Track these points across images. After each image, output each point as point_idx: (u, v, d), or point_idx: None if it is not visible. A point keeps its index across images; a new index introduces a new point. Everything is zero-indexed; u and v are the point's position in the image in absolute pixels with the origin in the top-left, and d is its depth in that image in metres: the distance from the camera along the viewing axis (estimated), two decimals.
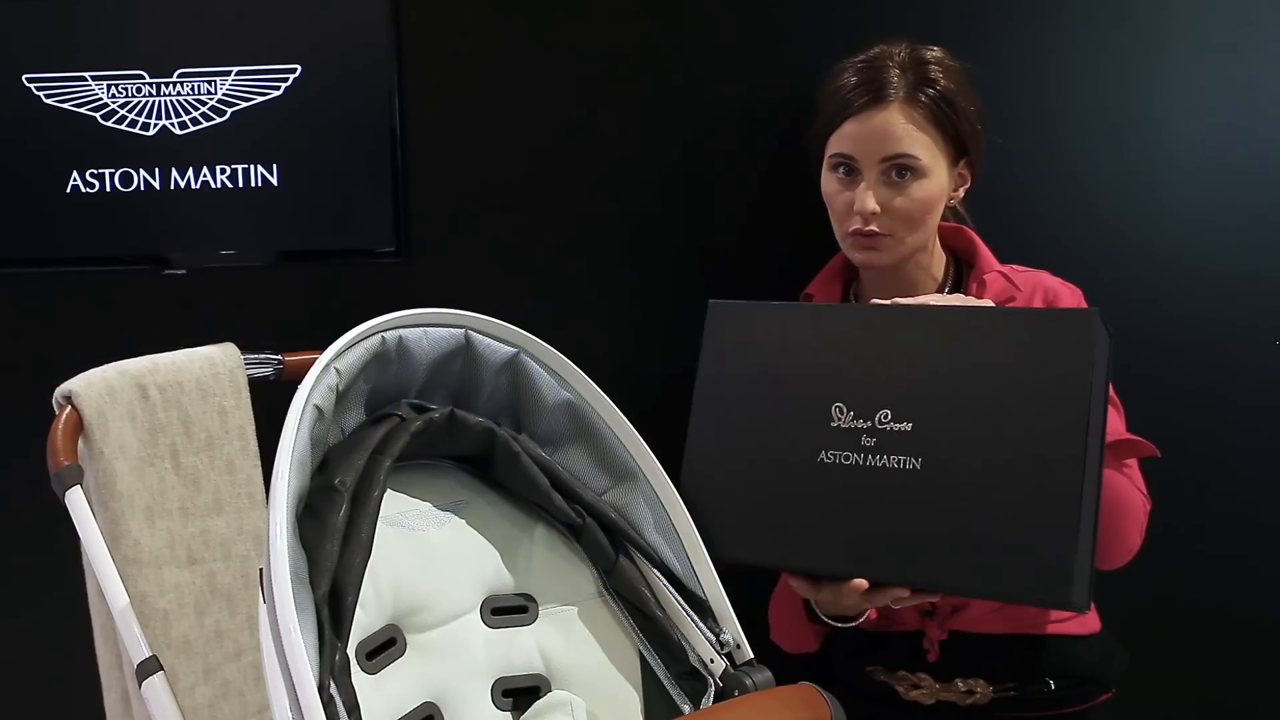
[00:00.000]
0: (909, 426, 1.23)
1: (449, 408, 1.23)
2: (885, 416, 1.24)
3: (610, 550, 1.26)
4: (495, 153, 1.78)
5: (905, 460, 1.22)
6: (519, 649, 1.25)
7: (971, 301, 1.35)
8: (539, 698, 1.23)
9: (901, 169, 1.45)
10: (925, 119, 1.45)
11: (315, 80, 1.74)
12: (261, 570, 1.00)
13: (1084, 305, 1.53)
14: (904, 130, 1.45)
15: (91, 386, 1.27)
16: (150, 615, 1.26)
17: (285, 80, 1.74)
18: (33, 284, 1.79)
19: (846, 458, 1.26)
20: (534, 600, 1.27)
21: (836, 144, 1.49)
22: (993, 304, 1.38)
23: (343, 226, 1.78)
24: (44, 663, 1.82)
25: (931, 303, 1.31)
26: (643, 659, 1.25)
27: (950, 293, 1.57)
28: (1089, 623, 1.54)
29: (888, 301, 1.32)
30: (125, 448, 1.28)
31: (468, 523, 1.26)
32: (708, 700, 1.21)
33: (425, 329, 1.22)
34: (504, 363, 1.26)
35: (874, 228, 1.46)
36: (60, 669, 1.76)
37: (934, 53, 1.50)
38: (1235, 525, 1.82)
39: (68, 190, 1.75)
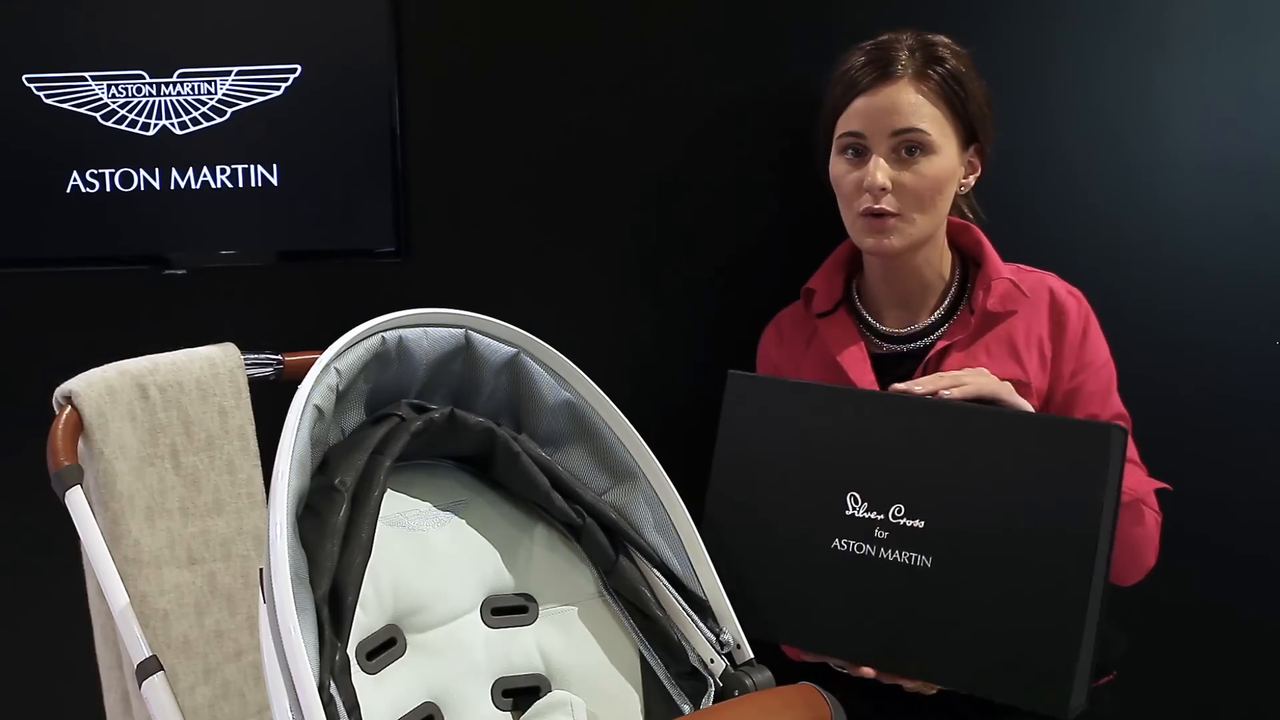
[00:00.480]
0: (921, 524, 1.24)
1: (449, 408, 1.23)
2: (899, 511, 1.26)
3: (610, 550, 1.26)
4: (495, 153, 1.78)
5: (916, 557, 1.24)
6: (519, 649, 1.25)
7: (991, 385, 1.33)
8: (539, 698, 1.23)
9: (911, 145, 1.44)
10: (935, 95, 1.45)
11: (315, 80, 1.74)
12: (262, 570, 1.00)
13: (1086, 311, 1.53)
14: (913, 104, 1.44)
15: (91, 386, 1.27)
16: (150, 615, 1.26)
17: (285, 80, 1.74)
18: (33, 284, 1.79)
19: (859, 548, 1.28)
20: (534, 600, 1.27)
21: (845, 123, 1.48)
22: (1012, 402, 1.34)
23: (343, 226, 1.78)
24: (44, 663, 1.82)
25: (953, 392, 1.30)
26: (643, 659, 1.25)
27: (954, 299, 1.56)
28: None
29: (905, 386, 1.32)
30: (125, 448, 1.28)
31: (468, 523, 1.26)
32: (708, 700, 1.21)
33: (425, 329, 1.22)
34: (504, 363, 1.26)
35: (884, 206, 1.45)
36: (60, 669, 1.76)
37: (942, 38, 1.50)
38: (1237, 524, 1.82)
39: (68, 190, 1.75)
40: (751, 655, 1.22)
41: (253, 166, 1.76)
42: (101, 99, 1.74)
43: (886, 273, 1.55)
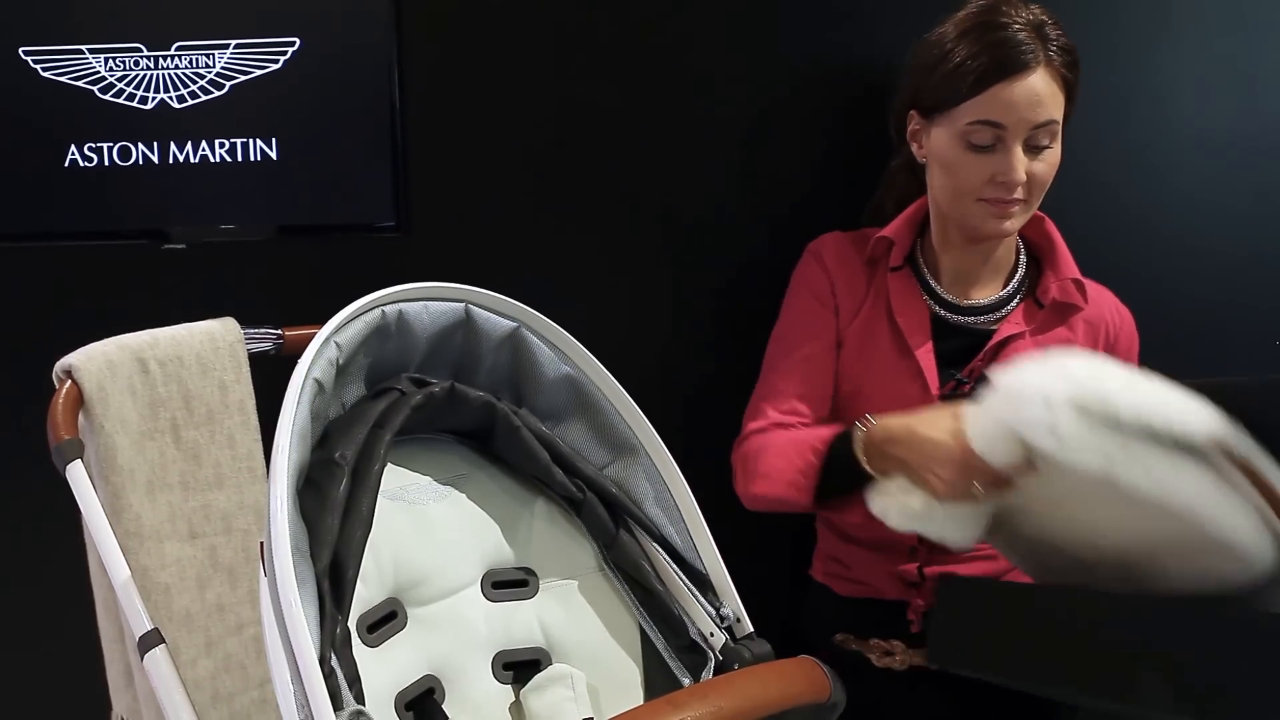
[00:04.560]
0: None
1: (449, 382, 1.23)
2: None
3: (611, 524, 1.26)
4: (495, 127, 1.78)
5: None
6: (519, 622, 1.25)
7: None
8: (539, 671, 1.24)
9: (1043, 137, 1.44)
10: (1060, 81, 1.44)
11: (315, 53, 1.73)
12: (262, 544, 1.00)
13: (1133, 330, 1.57)
14: (1050, 94, 1.43)
15: (92, 361, 1.27)
16: (152, 589, 1.26)
17: (284, 53, 1.73)
18: (31, 258, 1.79)
19: None
20: (534, 574, 1.27)
21: (980, 111, 1.43)
22: None
23: (343, 201, 1.77)
24: (46, 637, 1.83)
25: None
26: (643, 633, 1.25)
27: (1017, 285, 1.56)
28: None
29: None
30: (126, 422, 1.28)
31: (468, 497, 1.26)
32: (707, 673, 1.21)
33: (425, 303, 1.22)
34: (504, 337, 1.26)
35: (1017, 195, 1.45)
36: (62, 643, 1.77)
37: (1041, 9, 1.47)
38: None
39: (66, 164, 1.74)
40: (751, 629, 1.22)
41: (252, 140, 1.75)
42: (99, 72, 1.73)
43: (966, 247, 1.54)
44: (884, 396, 1.51)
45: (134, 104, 1.74)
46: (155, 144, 1.74)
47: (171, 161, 1.75)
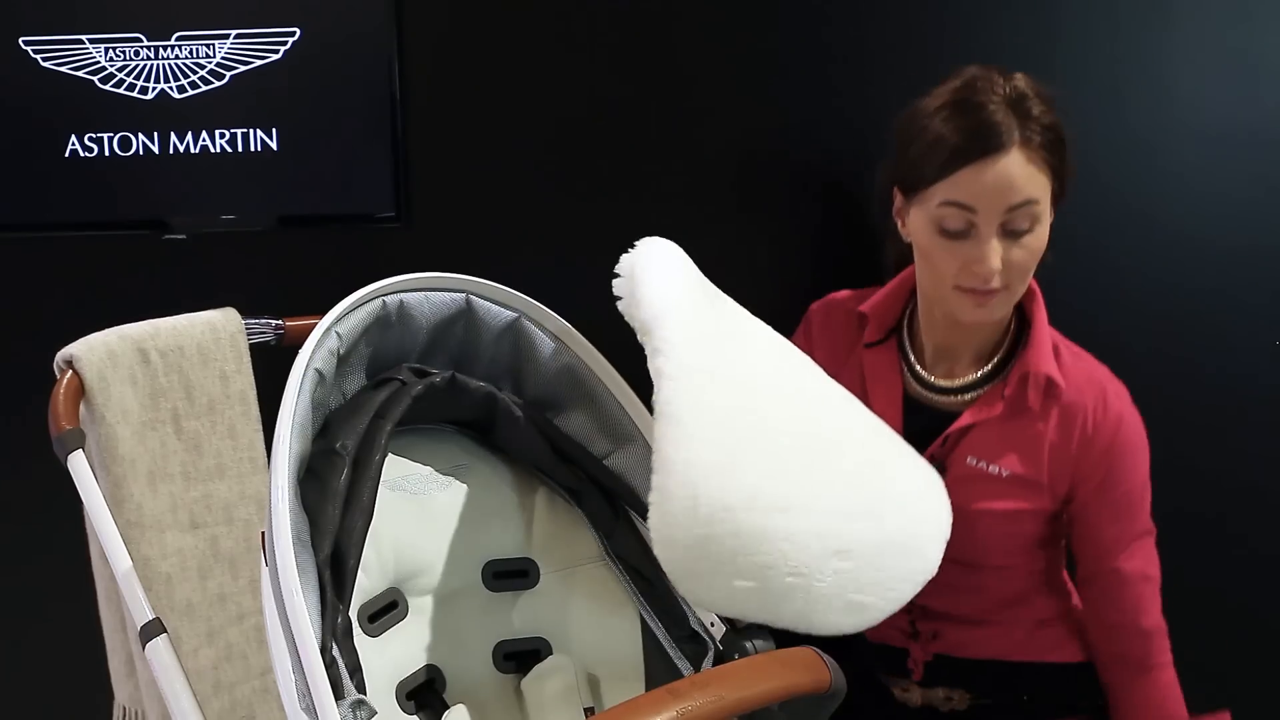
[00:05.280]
0: None
1: (450, 372, 1.24)
2: None
3: (611, 514, 1.26)
4: (496, 117, 1.77)
5: None
6: (520, 612, 1.26)
7: None
8: (540, 660, 1.24)
9: (1021, 220, 1.35)
10: (1041, 160, 1.35)
11: (315, 43, 1.72)
12: (264, 533, 1.01)
13: (1116, 423, 1.43)
14: (1026, 175, 1.33)
15: (92, 351, 1.27)
16: (153, 578, 1.27)
17: (284, 43, 1.72)
18: (32, 248, 1.78)
19: None
20: (535, 564, 1.27)
21: (950, 192, 1.35)
22: None
23: (343, 191, 1.77)
24: (48, 626, 1.83)
25: None
26: (643, 622, 1.26)
27: (998, 363, 1.48)
28: (1070, 653, 1.53)
29: None
30: (127, 412, 1.28)
31: (469, 487, 1.26)
32: (708, 663, 1.21)
33: (426, 293, 1.22)
34: (505, 327, 1.26)
35: (994, 284, 1.36)
36: (64, 633, 1.77)
37: (1025, 82, 1.38)
38: (1240, 507, 1.83)
39: (66, 154, 1.74)
40: None
41: (252, 130, 1.75)
42: (99, 62, 1.73)
43: (949, 330, 1.47)
44: None
45: (134, 94, 1.73)
46: (155, 134, 1.74)
47: (172, 152, 1.75)
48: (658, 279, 1.19)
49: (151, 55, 1.73)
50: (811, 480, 1.18)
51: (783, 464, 1.17)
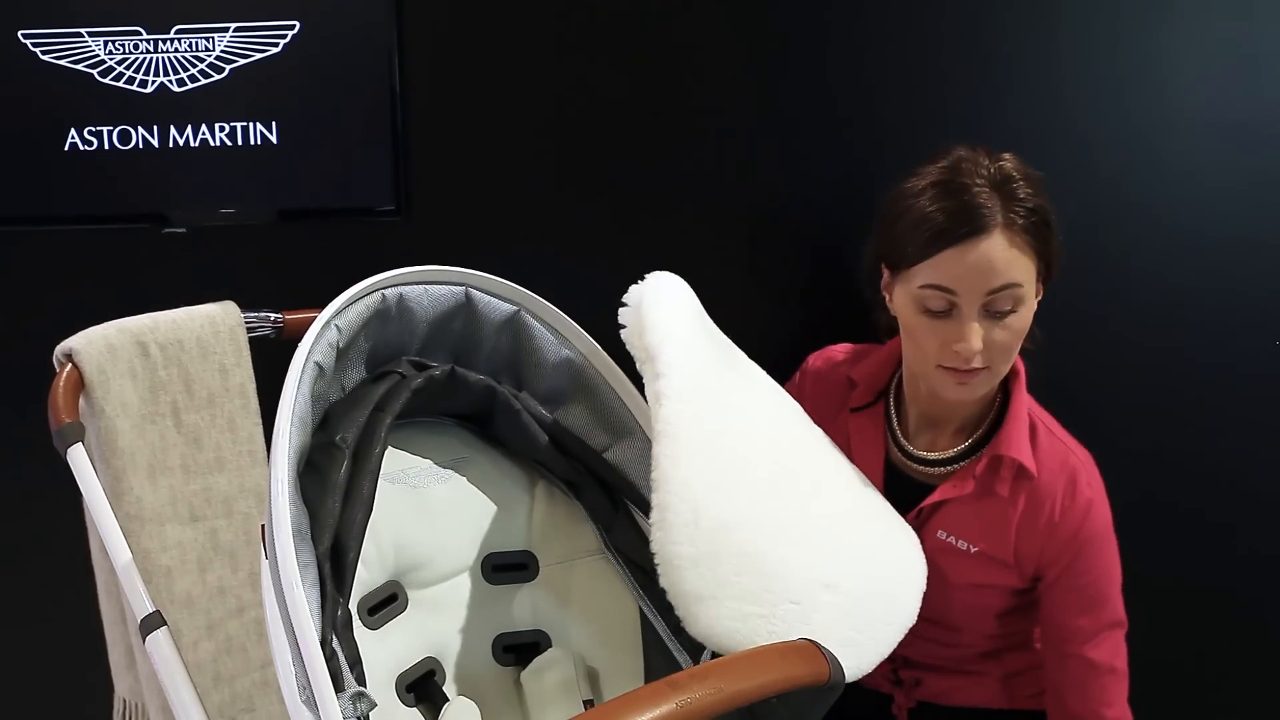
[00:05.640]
0: None
1: (449, 365, 1.24)
2: None
3: (610, 507, 1.27)
4: (496, 111, 1.77)
5: None
6: (519, 605, 1.26)
7: None
8: (539, 653, 1.24)
9: (1003, 302, 1.34)
10: (1024, 243, 1.34)
11: (314, 37, 1.72)
12: (264, 526, 1.01)
13: (1084, 513, 1.42)
14: (1008, 259, 1.32)
15: (92, 344, 1.27)
16: (153, 571, 1.27)
17: (284, 37, 1.72)
18: (32, 242, 1.78)
19: None
20: (534, 557, 1.28)
21: (931, 274, 1.34)
22: None
23: (343, 185, 1.77)
24: (48, 619, 1.83)
25: None
26: (642, 615, 1.26)
27: (979, 439, 1.47)
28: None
29: None
30: (126, 405, 1.28)
31: (469, 480, 1.26)
32: (707, 656, 1.21)
33: (426, 286, 1.22)
34: (504, 320, 1.26)
35: (976, 365, 1.36)
36: (64, 625, 1.78)
37: (1014, 163, 1.38)
38: (1239, 505, 1.83)
39: (66, 148, 1.74)
40: None
41: (252, 124, 1.74)
42: (99, 55, 1.72)
43: (933, 404, 1.47)
44: None
45: (133, 87, 1.73)
46: (155, 127, 1.74)
47: (171, 145, 1.75)
48: (665, 308, 1.24)
49: (151, 48, 1.73)
50: (796, 514, 1.21)
51: (776, 491, 1.21)
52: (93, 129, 1.74)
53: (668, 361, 1.18)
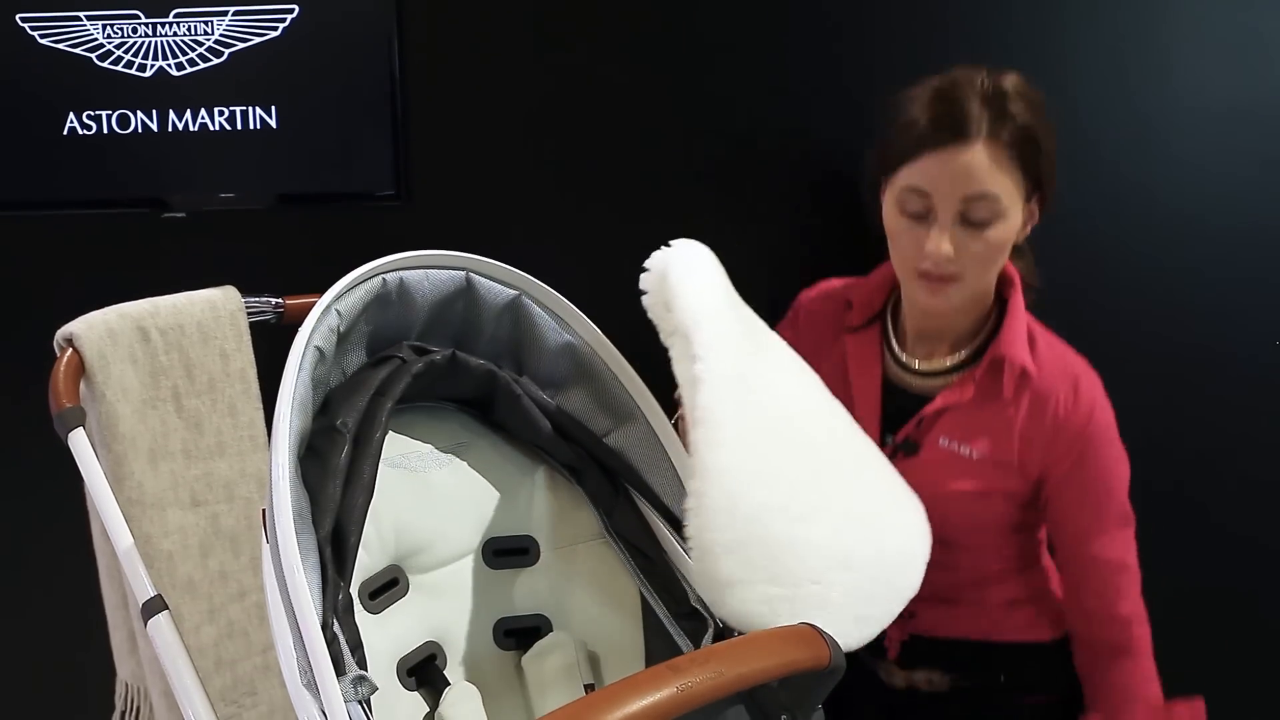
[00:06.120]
0: None
1: (450, 350, 1.24)
2: None
3: (611, 492, 1.27)
4: (495, 95, 1.77)
5: None
6: (520, 589, 1.26)
7: None
8: (540, 637, 1.24)
9: (979, 211, 1.35)
10: (1008, 156, 1.34)
11: (314, 20, 1.72)
12: (265, 511, 1.01)
13: (1088, 413, 1.43)
14: (987, 169, 1.34)
15: (92, 329, 1.27)
16: (154, 556, 1.27)
17: (283, 20, 1.72)
18: (32, 226, 1.78)
19: None
20: (535, 542, 1.28)
21: (911, 177, 1.37)
22: None
23: (342, 169, 1.77)
24: (50, 604, 1.83)
25: None
26: (643, 599, 1.26)
27: (976, 349, 1.48)
28: (1043, 633, 1.54)
29: None
30: (127, 390, 1.28)
31: (469, 464, 1.26)
32: (707, 640, 1.22)
33: (426, 271, 1.22)
34: (505, 305, 1.26)
35: (946, 270, 1.37)
36: (67, 610, 1.78)
37: (1014, 81, 1.38)
38: (1238, 495, 1.83)
39: (65, 132, 1.74)
40: None
41: (251, 108, 1.74)
42: (97, 39, 1.72)
43: (926, 315, 1.48)
44: None
45: (132, 71, 1.73)
46: (154, 112, 1.74)
47: (170, 130, 1.74)
48: (697, 284, 1.22)
49: (149, 32, 1.72)
50: (821, 495, 1.21)
51: (805, 474, 1.21)
52: (91, 113, 1.73)
53: (705, 344, 1.16)
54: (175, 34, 1.72)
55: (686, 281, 1.21)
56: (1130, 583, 1.47)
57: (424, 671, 1.18)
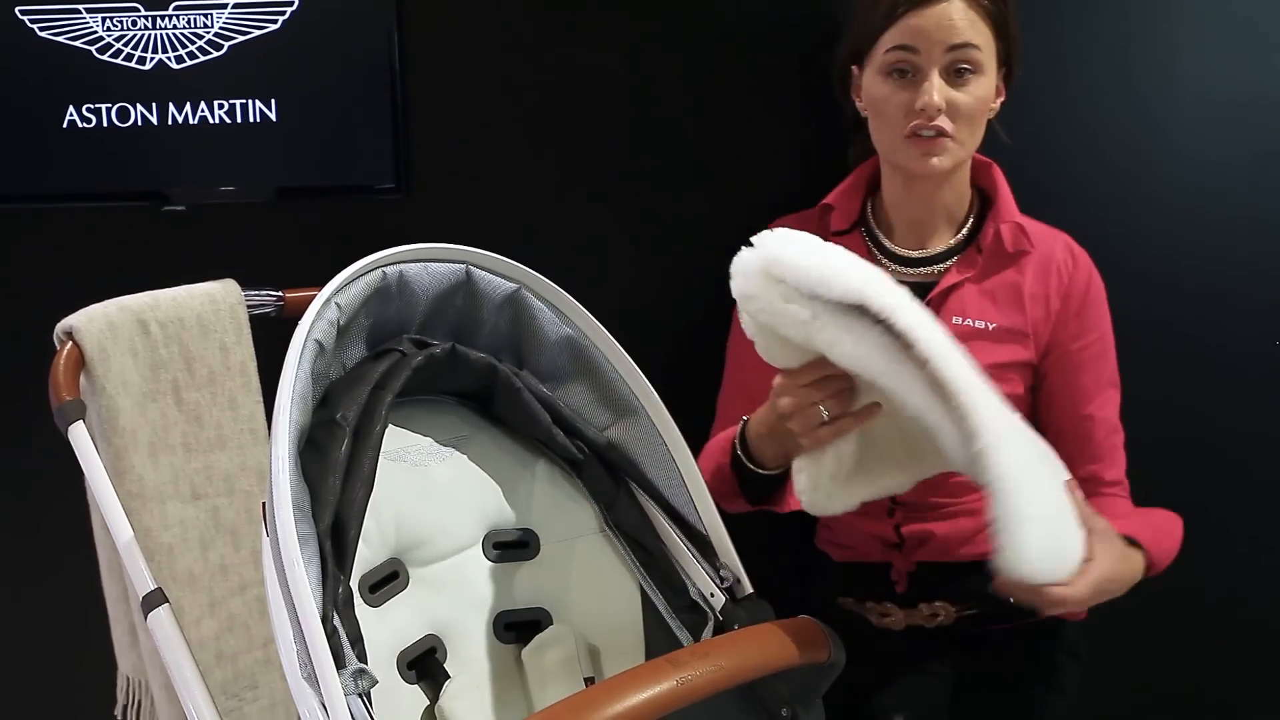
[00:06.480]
0: None
1: (450, 343, 1.23)
2: None
3: (611, 485, 1.27)
4: (496, 88, 1.77)
5: None
6: (520, 583, 1.26)
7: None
8: (540, 631, 1.25)
9: (964, 63, 1.42)
10: (983, 13, 1.43)
11: (314, 12, 1.71)
12: (265, 504, 1.01)
13: (1090, 272, 1.52)
14: (968, 20, 1.42)
15: (93, 322, 1.27)
16: (155, 549, 1.27)
17: (283, 13, 1.71)
18: (31, 219, 1.78)
19: None
20: (536, 535, 1.28)
21: (895, 38, 1.44)
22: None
23: (342, 162, 1.76)
24: (50, 598, 1.84)
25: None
26: (643, 593, 1.26)
27: (968, 233, 1.54)
28: None
29: None
30: (127, 383, 1.28)
31: (469, 458, 1.26)
32: (707, 634, 1.22)
33: (426, 264, 1.21)
34: (505, 298, 1.25)
35: (940, 125, 1.42)
36: (67, 603, 1.78)
37: None
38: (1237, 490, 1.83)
39: (64, 125, 1.73)
40: (751, 589, 1.22)
41: (251, 101, 1.74)
42: (96, 32, 1.72)
43: (910, 194, 1.52)
44: None
45: (132, 64, 1.73)
46: (154, 105, 1.73)
47: (170, 123, 1.74)
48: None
49: (149, 25, 1.72)
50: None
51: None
52: (91, 106, 1.73)
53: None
54: (175, 27, 1.72)
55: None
56: (1117, 448, 1.52)
57: (424, 664, 1.18)
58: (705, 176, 1.79)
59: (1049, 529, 1.18)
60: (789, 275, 1.16)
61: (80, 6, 1.71)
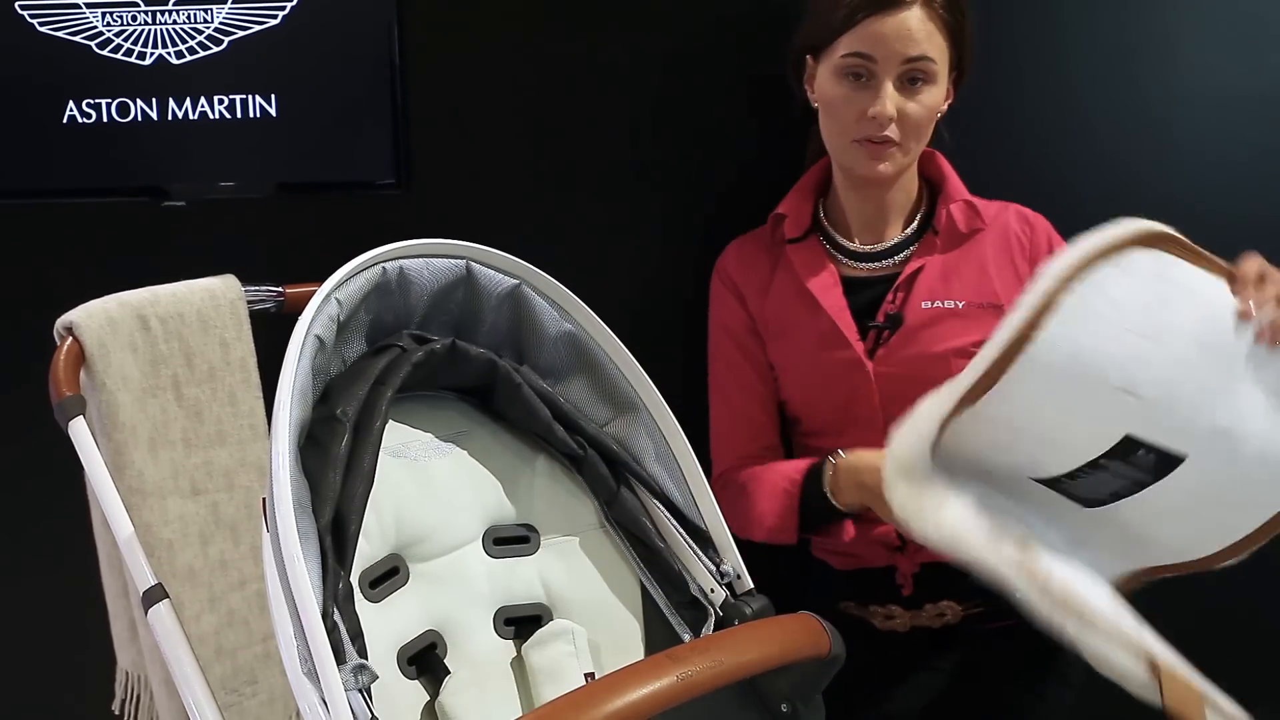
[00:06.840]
0: None
1: (450, 339, 1.23)
2: None
3: (611, 481, 1.27)
4: (495, 83, 1.76)
5: None
6: (521, 579, 1.26)
7: None
8: (540, 626, 1.25)
9: (918, 74, 1.44)
10: (940, 22, 1.45)
11: (313, 8, 1.71)
12: (265, 500, 1.01)
13: (1049, 229, 1.54)
14: (925, 32, 1.44)
15: (92, 318, 1.27)
16: (155, 544, 1.27)
17: (283, 8, 1.71)
18: (32, 215, 1.78)
19: None
20: (536, 531, 1.28)
21: (853, 44, 1.45)
22: None
23: (342, 158, 1.76)
24: (50, 593, 1.84)
25: None
26: (644, 589, 1.26)
27: (921, 222, 1.56)
28: None
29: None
30: (127, 379, 1.29)
31: (470, 453, 1.26)
32: (708, 629, 1.22)
33: (426, 260, 1.21)
34: (505, 294, 1.25)
35: (889, 134, 1.45)
36: (67, 599, 1.78)
37: None
38: None
39: (64, 120, 1.73)
40: (751, 585, 1.23)
41: (251, 97, 1.74)
42: (96, 27, 1.71)
43: (860, 195, 1.55)
44: (812, 366, 1.53)
45: (132, 59, 1.72)
46: (154, 100, 1.73)
47: (170, 118, 1.74)
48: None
49: (149, 20, 1.72)
50: None
51: None
52: (91, 101, 1.73)
53: None
54: (175, 22, 1.72)
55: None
56: None
57: (424, 660, 1.18)
58: (707, 172, 1.79)
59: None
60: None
61: (80, 1, 1.71)
